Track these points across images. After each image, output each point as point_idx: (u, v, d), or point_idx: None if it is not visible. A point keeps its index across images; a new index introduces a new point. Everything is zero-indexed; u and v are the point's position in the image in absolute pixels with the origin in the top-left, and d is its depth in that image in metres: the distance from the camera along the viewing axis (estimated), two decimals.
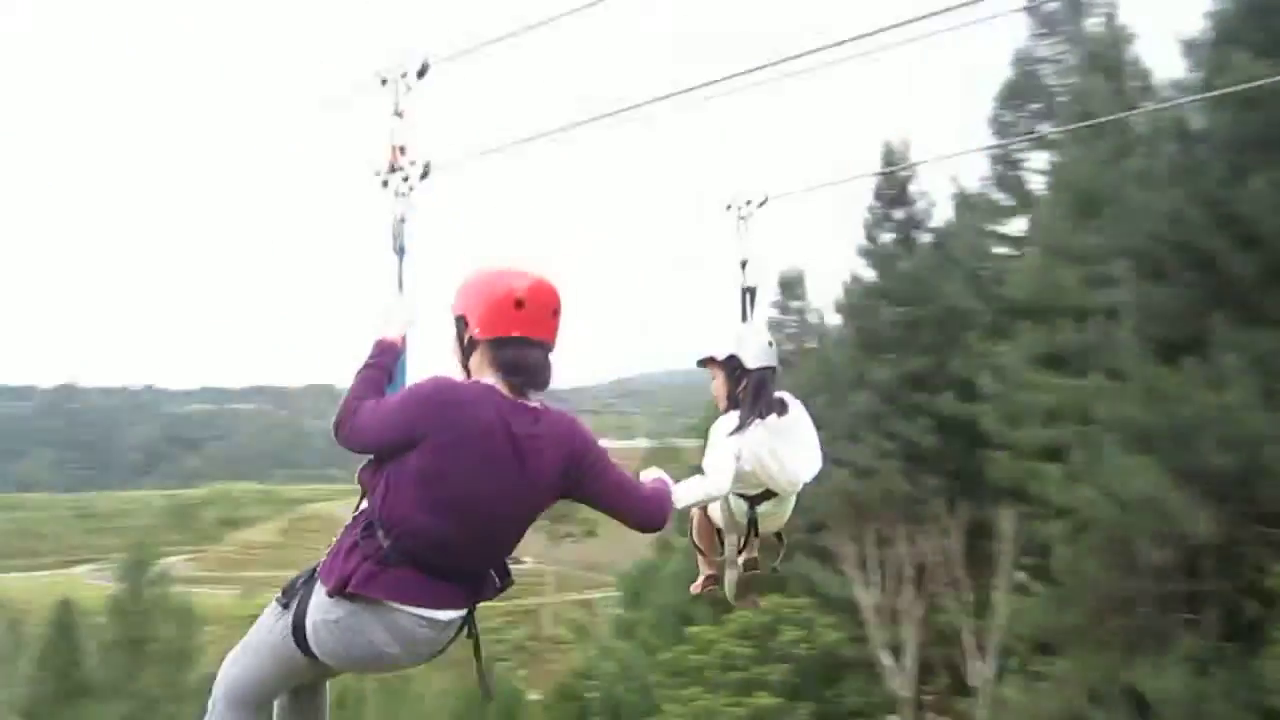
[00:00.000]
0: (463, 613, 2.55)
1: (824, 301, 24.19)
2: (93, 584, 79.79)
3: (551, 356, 2.54)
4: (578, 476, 2.54)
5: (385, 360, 2.68)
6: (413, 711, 27.65)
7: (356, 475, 2.55)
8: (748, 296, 3.92)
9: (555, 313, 2.52)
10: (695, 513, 3.63)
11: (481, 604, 2.60)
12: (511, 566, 2.68)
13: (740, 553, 3.52)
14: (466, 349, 2.55)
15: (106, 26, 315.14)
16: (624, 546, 31.67)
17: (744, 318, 3.92)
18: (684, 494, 2.99)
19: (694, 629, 19.37)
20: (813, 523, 18.43)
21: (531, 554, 52.52)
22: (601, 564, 48.26)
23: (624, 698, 22.36)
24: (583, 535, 48.92)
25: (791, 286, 24.34)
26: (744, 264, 3.90)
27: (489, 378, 2.50)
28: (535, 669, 43.36)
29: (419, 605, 2.43)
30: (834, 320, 23.13)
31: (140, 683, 33.14)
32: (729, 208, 3.90)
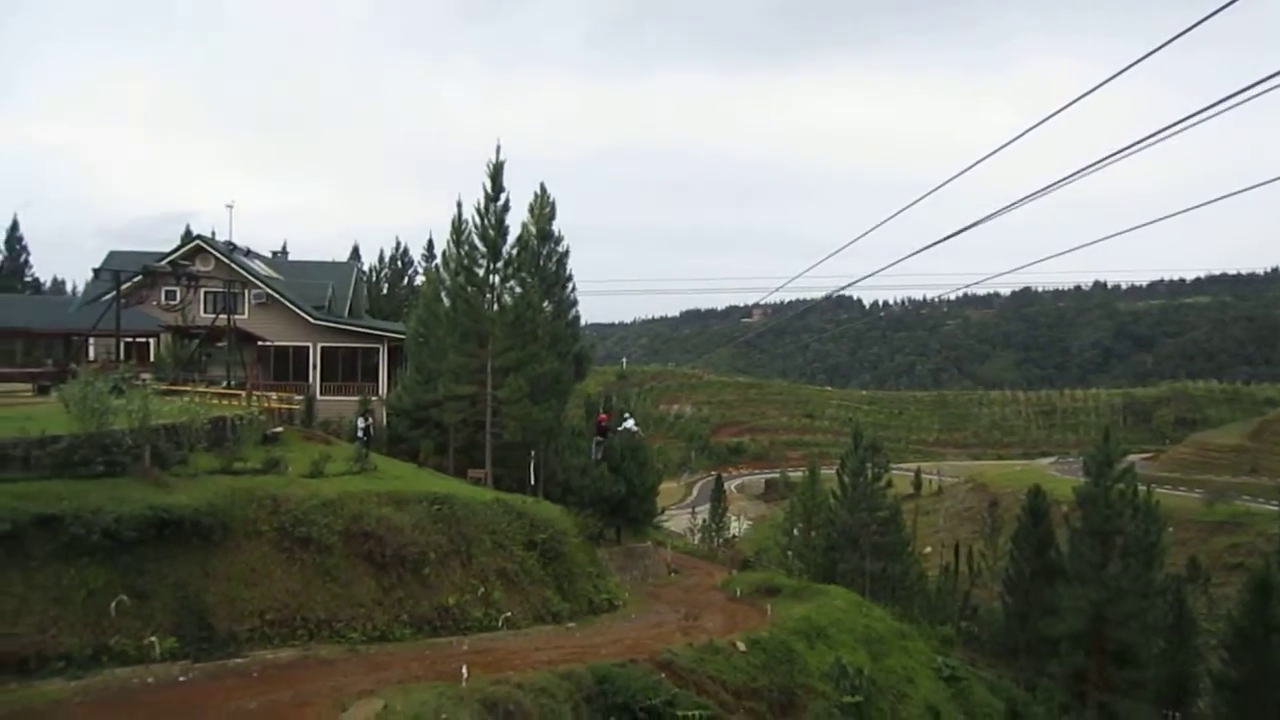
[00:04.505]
0: (607, 437, 34.77)
1: None
2: (1054, 475, 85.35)
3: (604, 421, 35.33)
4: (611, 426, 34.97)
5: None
6: None
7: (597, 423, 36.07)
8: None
9: (603, 417, 35.87)
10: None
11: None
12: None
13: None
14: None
15: None
16: None
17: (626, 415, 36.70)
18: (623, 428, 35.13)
19: None
20: None
21: None
22: None
23: None
24: None
25: None
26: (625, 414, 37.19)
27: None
28: None
29: (601, 435, 34.60)
30: None
31: (1107, 572, 34.24)
32: None
